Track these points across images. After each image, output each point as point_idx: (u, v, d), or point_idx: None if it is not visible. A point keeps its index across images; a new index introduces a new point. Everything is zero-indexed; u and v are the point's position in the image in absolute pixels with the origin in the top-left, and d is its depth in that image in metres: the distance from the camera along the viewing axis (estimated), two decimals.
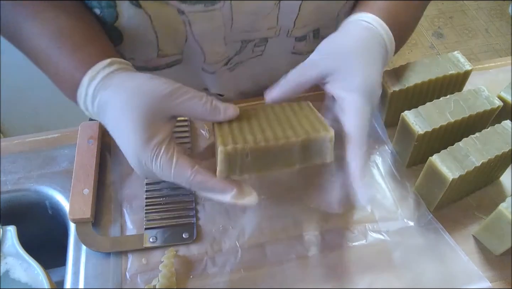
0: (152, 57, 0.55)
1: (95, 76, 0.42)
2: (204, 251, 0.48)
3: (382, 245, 0.48)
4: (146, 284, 0.45)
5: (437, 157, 0.46)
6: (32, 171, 0.53)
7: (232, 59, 0.58)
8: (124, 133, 0.40)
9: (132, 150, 0.39)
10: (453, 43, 2.10)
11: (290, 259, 0.47)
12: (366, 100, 0.42)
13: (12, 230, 0.48)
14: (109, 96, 0.41)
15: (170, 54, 0.55)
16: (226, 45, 0.55)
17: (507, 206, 0.43)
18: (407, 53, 2.05)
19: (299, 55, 0.61)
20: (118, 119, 0.40)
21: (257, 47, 0.57)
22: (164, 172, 0.39)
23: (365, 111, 0.42)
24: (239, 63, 0.60)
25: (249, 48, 0.57)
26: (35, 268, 0.46)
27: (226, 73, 0.60)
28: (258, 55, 0.59)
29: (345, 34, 0.46)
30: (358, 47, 0.44)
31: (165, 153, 0.39)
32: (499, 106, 0.51)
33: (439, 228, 0.49)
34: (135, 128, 0.39)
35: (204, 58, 0.56)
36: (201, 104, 0.40)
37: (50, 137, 0.57)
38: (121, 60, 0.44)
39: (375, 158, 0.55)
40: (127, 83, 0.41)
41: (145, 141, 0.39)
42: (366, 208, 0.50)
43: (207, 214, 0.50)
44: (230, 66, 0.60)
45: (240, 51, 0.57)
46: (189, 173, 0.39)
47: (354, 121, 0.42)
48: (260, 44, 0.57)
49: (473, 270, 0.46)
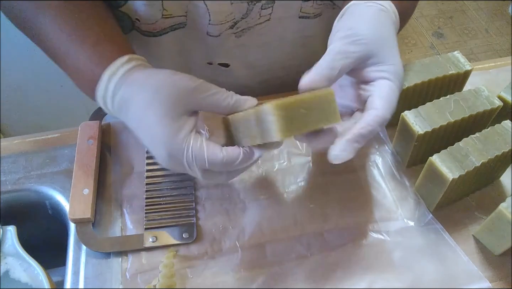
0: (157, 18, 0.54)
1: (116, 72, 0.42)
2: (204, 251, 0.48)
3: (382, 245, 0.48)
4: (146, 284, 0.45)
5: (437, 157, 0.46)
6: (32, 171, 0.53)
7: (239, 23, 0.57)
8: (151, 129, 0.41)
9: (162, 143, 0.40)
10: (453, 43, 2.10)
11: (290, 259, 0.47)
12: (399, 83, 0.44)
13: (12, 230, 0.48)
14: (132, 93, 0.42)
15: (175, 15, 0.54)
16: (232, 4, 0.54)
17: (507, 206, 0.43)
18: (407, 53, 2.05)
19: (307, 19, 0.60)
20: (143, 115, 0.41)
21: (264, 10, 0.56)
22: (198, 159, 0.41)
23: (396, 93, 0.43)
24: (246, 29, 0.58)
25: (255, 11, 0.56)
26: (35, 268, 0.46)
27: (232, 38, 0.59)
28: (266, 20, 0.58)
29: (371, 20, 0.45)
30: (390, 32, 0.45)
31: (195, 142, 0.40)
32: (499, 106, 0.51)
33: (439, 228, 0.49)
34: (164, 123, 0.40)
35: (209, 18, 0.55)
36: (223, 99, 0.41)
37: (50, 137, 0.57)
38: (138, 57, 0.45)
39: (375, 158, 0.55)
40: (149, 80, 0.42)
41: (175, 134, 0.40)
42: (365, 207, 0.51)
43: (207, 214, 0.50)
44: (237, 31, 0.58)
45: (247, 14, 0.56)
46: (221, 154, 0.40)
47: (386, 101, 0.43)
48: (267, 5, 0.56)
49: (473, 270, 0.46)
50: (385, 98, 0.42)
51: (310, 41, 0.62)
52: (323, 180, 0.53)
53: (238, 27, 0.58)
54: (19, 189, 0.52)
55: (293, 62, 0.65)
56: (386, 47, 0.44)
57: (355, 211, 0.50)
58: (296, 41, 0.62)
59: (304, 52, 0.64)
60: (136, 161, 0.54)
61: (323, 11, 0.60)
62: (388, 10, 0.46)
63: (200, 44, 0.59)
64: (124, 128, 0.57)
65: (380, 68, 0.44)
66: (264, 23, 0.58)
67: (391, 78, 0.43)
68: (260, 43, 0.61)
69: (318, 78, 0.42)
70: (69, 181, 0.50)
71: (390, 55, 0.44)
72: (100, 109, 0.57)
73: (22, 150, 0.55)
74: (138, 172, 0.53)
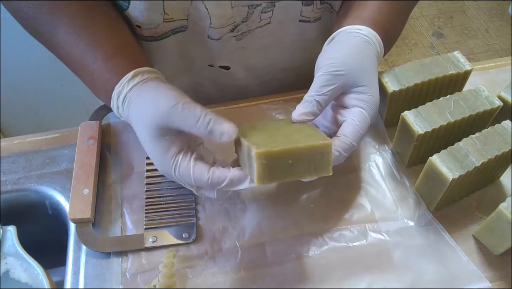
0: (159, 22, 0.54)
1: (121, 91, 0.46)
2: (204, 251, 0.48)
3: (382, 245, 0.48)
4: (146, 284, 0.45)
5: (437, 157, 0.46)
6: (32, 171, 0.53)
7: (239, 26, 0.58)
8: (145, 147, 0.45)
9: (155, 161, 0.44)
10: (453, 43, 2.10)
11: (290, 259, 0.47)
12: (373, 113, 0.47)
13: (12, 230, 0.48)
14: (129, 111, 0.45)
15: (176, 18, 0.55)
16: (232, 8, 0.54)
17: (507, 206, 0.43)
18: (407, 53, 2.05)
19: (307, 23, 0.60)
20: (139, 134, 0.45)
21: (264, 13, 0.57)
22: (185, 179, 0.43)
23: (368, 122, 0.46)
24: (246, 32, 0.59)
25: (256, 14, 0.56)
26: (35, 268, 0.46)
27: (232, 41, 0.59)
28: (266, 23, 0.58)
29: (355, 51, 0.48)
30: (372, 64, 0.49)
31: (182, 162, 0.43)
32: (499, 106, 0.51)
33: (439, 228, 0.49)
34: (152, 143, 0.43)
35: (210, 22, 0.55)
36: (195, 122, 0.40)
37: (50, 137, 0.57)
38: (144, 70, 0.47)
39: (375, 158, 0.55)
40: (138, 100, 0.45)
41: (163, 154, 0.43)
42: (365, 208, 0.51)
43: (207, 214, 0.50)
44: (237, 34, 0.59)
45: (247, 17, 0.57)
46: (206, 176, 0.42)
47: (356, 129, 0.46)
48: (267, 9, 0.56)
49: (473, 270, 0.46)
50: (356, 127, 0.45)
51: (309, 44, 0.63)
52: (323, 179, 0.53)
53: (239, 30, 0.58)
54: (19, 189, 0.52)
55: (293, 64, 0.66)
56: (366, 77, 0.47)
57: (355, 211, 0.50)
58: (296, 44, 0.63)
59: (303, 54, 0.64)
60: (136, 161, 0.54)
61: (323, 15, 0.60)
62: (373, 42, 0.49)
63: (201, 47, 0.60)
64: (124, 128, 0.57)
65: (358, 97, 0.47)
66: (264, 26, 0.58)
67: (366, 108, 0.46)
68: (260, 46, 0.61)
69: (307, 111, 0.46)
70: (69, 181, 0.50)
71: (369, 86, 0.47)
72: (100, 109, 0.58)
73: (22, 150, 0.55)
74: (138, 172, 0.53)
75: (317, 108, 0.46)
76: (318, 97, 0.46)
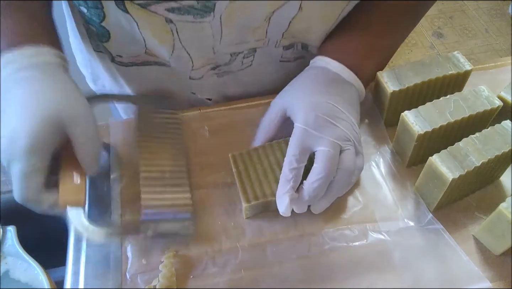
0: (140, 53, 0.55)
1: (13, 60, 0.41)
2: (204, 251, 0.48)
3: (383, 245, 0.48)
4: (146, 284, 0.45)
5: (437, 157, 0.46)
6: None
7: (221, 67, 0.59)
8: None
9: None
10: (453, 43, 2.10)
11: (291, 259, 0.47)
12: (335, 152, 0.47)
13: (12, 230, 0.48)
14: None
15: (158, 55, 0.56)
16: (214, 54, 0.55)
17: (507, 206, 0.43)
18: (407, 53, 2.05)
19: (287, 62, 0.61)
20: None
21: (246, 58, 0.58)
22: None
23: (336, 159, 0.47)
24: (227, 71, 0.60)
25: (238, 60, 0.58)
26: (35, 268, 0.46)
27: (213, 78, 0.60)
28: (248, 66, 0.60)
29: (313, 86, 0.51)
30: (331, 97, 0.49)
31: None
32: (499, 106, 0.51)
33: (439, 228, 0.49)
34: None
35: (192, 65, 0.57)
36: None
37: None
38: (45, 51, 0.43)
39: (375, 158, 0.55)
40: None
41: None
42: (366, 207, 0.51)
43: (207, 213, 0.50)
44: (218, 72, 0.60)
45: (230, 62, 0.58)
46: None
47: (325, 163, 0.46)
48: (249, 55, 0.57)
49: (473, 270, 0.46)
50: (323, 162, 0.46)
51: (291, 77, 0.59)
52: None
53: (220, 70, 0.59)
54: None
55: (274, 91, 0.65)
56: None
57: (355, 211, 0.50)
58: (277, 79, 0.63)
59: (285, 83, 0.60)
60: (135, 161, 0.54)
61: (305, 55, 0.61)
62: (343, 80, 0.51)
63: (183, 81, 0.60)
64: (124, 128, 0.57)
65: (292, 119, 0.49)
66: (246, 68, 0.60)
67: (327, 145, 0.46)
68: (241, 82, 0.62)
69: (263, 138, 0.51)
70: None
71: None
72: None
73: None
74: (138, 172, 0.53)
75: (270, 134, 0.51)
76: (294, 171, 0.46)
